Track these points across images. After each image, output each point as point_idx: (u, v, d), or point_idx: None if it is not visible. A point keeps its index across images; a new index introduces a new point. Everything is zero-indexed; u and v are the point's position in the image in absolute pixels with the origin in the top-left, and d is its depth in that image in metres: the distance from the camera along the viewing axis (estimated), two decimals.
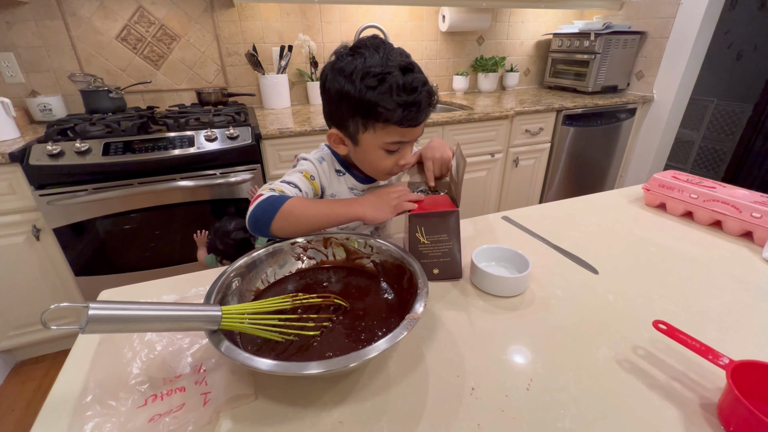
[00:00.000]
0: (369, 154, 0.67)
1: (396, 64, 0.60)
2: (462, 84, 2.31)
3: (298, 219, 0.61)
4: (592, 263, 0.71)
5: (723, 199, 0.81)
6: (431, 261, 0.65)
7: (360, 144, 0.66)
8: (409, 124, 0.62)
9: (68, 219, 1.32)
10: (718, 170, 3.11)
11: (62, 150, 1.26)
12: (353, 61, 0.60)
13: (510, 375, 0.47)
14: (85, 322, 0.36)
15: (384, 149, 0.66)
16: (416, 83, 0.60)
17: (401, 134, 0.64)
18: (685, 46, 2.04)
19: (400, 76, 0.59)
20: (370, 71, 0.59)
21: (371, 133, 0.64)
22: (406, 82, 0.59)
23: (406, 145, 0.68)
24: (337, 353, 0.46)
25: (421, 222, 0.62)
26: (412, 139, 0.67)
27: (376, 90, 0.59)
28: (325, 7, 1.93)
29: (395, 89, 0.58)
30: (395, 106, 0.59)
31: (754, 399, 0.40)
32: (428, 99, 0.62)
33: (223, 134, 1.41)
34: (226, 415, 0.42)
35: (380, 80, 0.58)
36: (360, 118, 0.62)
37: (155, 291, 0.65)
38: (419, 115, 0.62)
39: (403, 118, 0.60)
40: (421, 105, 0.61)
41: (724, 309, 0.59)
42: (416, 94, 0.60)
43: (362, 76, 0.59)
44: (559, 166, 2.14)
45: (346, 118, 0.64)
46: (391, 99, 0.59)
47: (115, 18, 1.65)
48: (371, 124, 0.62)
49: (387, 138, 0.64)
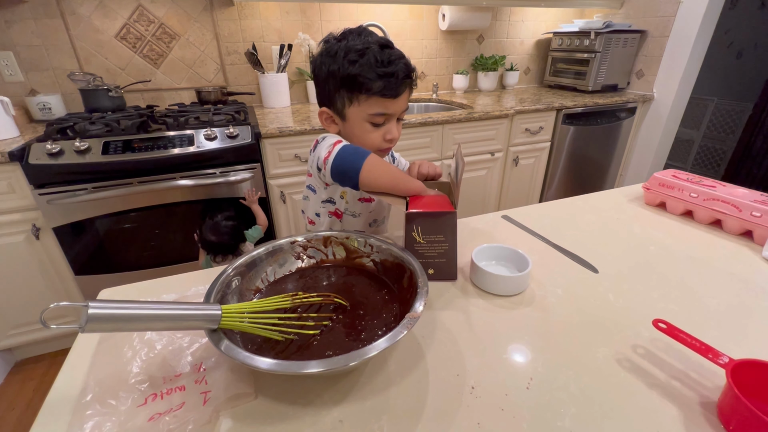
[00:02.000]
0: (356, 127, 0.72)
1: (375, 41, 0.67)
2: (462, 83, 2.31)
3: (381, 174, 0.64)
4: (592, 262, 0.71)
5: (723, 198, 0.81)
6: (427, 261, 0.64)
7: (347, 119, 0.71)
8: (389, 94, 0.67)
9: (68, 218, 1.32)
10: (718, 169, 3.12)
11: (62, 149, 1.25)
12: (337, 44, 0.67)
13: (510, 374, 0.47)
14: (84, 321, 0.36)
15: (369, 122, 0.70)
16: (393, 56, 0.67)
17: (384, 106, 0.68)
18: (685, 45, 2.03)
19: (378, 50, 0.66)
20: (351, 48, 0.65)
21: (356, 106, 0.69)
22: (384, 55, 0.66)
23: (391, 120, 0.72)
24: (337, 352, 0.46)
25: (417, 221, 0.62)
26: (395, 112, 0.71)
27: (356, 64, 0.65)
28: (325, 6, 1.93)
29: (374, 62, 0.65)
30: (375, 77, 0.65)
31: (754, 398, 0.40)
32: (405, 70, 0.67)
33: (223, 133, 1.41)
34: (226, 414, 0.42)
35: (360, 55, 0.65)
36: (345, 92, 0.68)
37: (155, 290, 0.65)
38: (398, 86, 0.67)
39: (384, 88, 0.66)
40: (399, 75, 0.66)
41: (724, 308, 0.59)
42: (394, 65, 0.66)
43: (344, 54, 0.65)
44: (559, 165, 2.14)
45: (333, 94, 0.70)
46: (370, 71, 0.65)
47: (114, 16, 1.65)
48: (355, 96, 0.68)
49: (370, 109, 0.69)
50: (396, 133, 0.74)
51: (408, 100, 0.73)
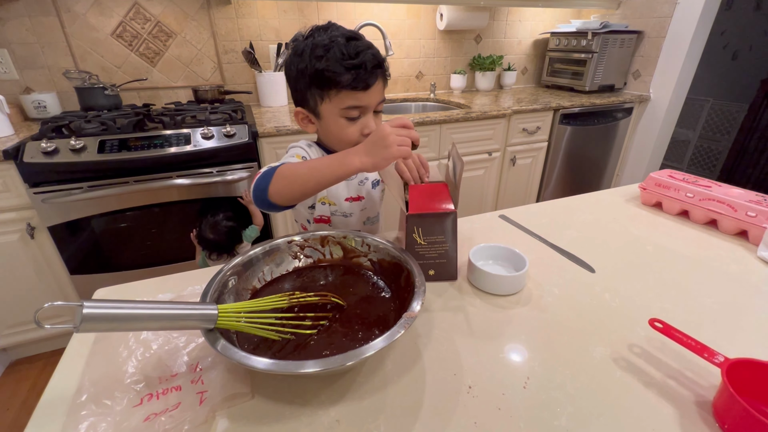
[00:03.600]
0: (331, 124, 0.70)
1: (340, 34, 0.65)
2: (459, 83, 2.31)
3: (290, 179, 0.58)
4: (589, 262, 0.71)
5: (718, 198, 0.81)
6: (427, 262, 0.65)
7: (322, 116, 0.70)
8: (360, 86, 0.65)
9: (63, 217, 1.31)
10: (714, 169, 3.13)
11: (57, 147, 1.25)
12: (304, 42, 0.66)
13: (507, 373, 0.47)
14: (79, 320, 0.35)
15: (343, 117, 0.68)
16: (360, 47, 0.64)
17: (356, 98, 0.66)
18: (681, 45, 2.04)
19: (344, 43, 0.64)
20: (317, 44, 0.64)
21: (328, 102, 0.67)
22: (350, 47, 0.64)
23: (367, 113, 0.70)
24: (334, 352, 0.46)
25: (418, 223, 0.62)
26: (368, 104, 0.69)
27: (323, 59, 0.63)
28: (323, 5, 1.92)
29: (340, 55, 0.63)
30: (343, 70, 0.63)
31: (749, 397, 0.40)
32: (374, 60, 0.65)
33: (220, 132, 1.40)
34: (223, 414, 0.42)
35: (326, 49, 0.63)
36: (316, 89, 0.67)
37: (151, 289, 0.64)
38: (368, 77, 0.65)
39: (353, 80, 0.64)
40: (367, 66, 0.64)
41: (719, 307, 0.60)
42: (361, 56, 0.64)
43: (311, 51, 0.64)
44: (556, 164, 2.15)
45: (305, 93, 0.69)
46: (338, 64, 0.63)
47: (110, 14, 1.63)
48: (326, 92, 0.66)
49: (342, 103, 0.67)
50: (373, 126, 0.71)
51: (383, 92, 0.71)
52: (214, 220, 1.31)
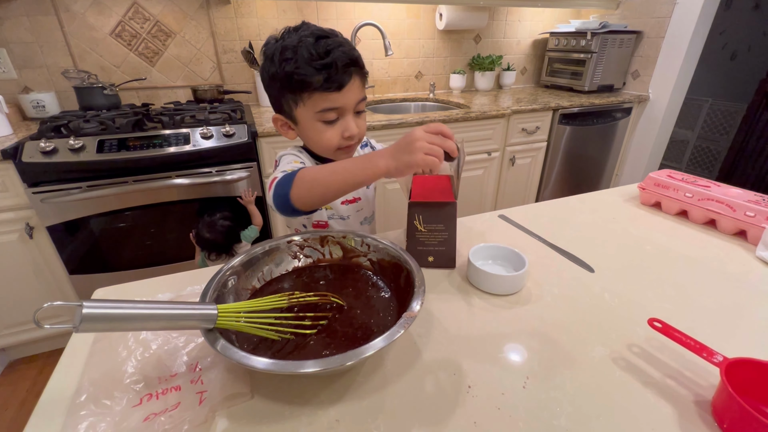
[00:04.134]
0: (309, 129, 0.68)
1: (310, 33, 0.61)
2: (459, 82, 2.31)
3: (311, 183, 0.56)
4: (588, 261, 0.71)
5: (717, 198, 0.81)
6: (427, 248, 0.67)
7: (299, 122, 0.68)
8: (332, 86, 0.62)
9: (62, 217, 1.31)
10: (713, 169, 3.14)
11: (56, 147, 1.24)
12: (274, 45, 0.63)
13: (506, 373, 0.47)
14: (78, 320, 0.35)
15: (320, 120, 0.66)
16: (330, 46, 0.61)
17: (330, 100, 0.63)
18: (680, 45, 2.05)
19: (313, 42, 0.60)
20: (286, 47, 0.61)
21: (302, 107, 0.65)
22: (319, 46, 0.60)
23: (345, 114, 0.66)
24: (333, 352, 0.46)
25: (419, 210, 0.65)
26: (345, 105, 0.65)
27: (291, 61, 0.60)
28: (322, 5, 1.92)
29: (308, 56, 0.60)
30: (313, 72, 0.60)
31: (748, 396, 0.40)
32: (345, 58, 0.61)
33: (219, 132, 1.40)
34: (222, 414, 0.42)
35: (294, 51, 0.60)
36: (289, 94, 0.64)
37: (150, 289, 0.64)
38: (340, 77, 0.61)
39: (324, 81, 0.61)
40: (338, 64, 0.60)
41: (718, 307, 0.60)
42: (331, 55, 0.60)
43: (280, 55, 0.61)
44: (555, 164, 2.15)
45: (279, 99, 0.67)
46: (307, 66, 0.60)
47: (109, 14, 1.63)
48: (299, 96, 0.64)
49: (316, 107, 0.64)
50: (354, 128, 0.67)
51: (362, 91, 0.67)
52: (211, 219, 1.31)
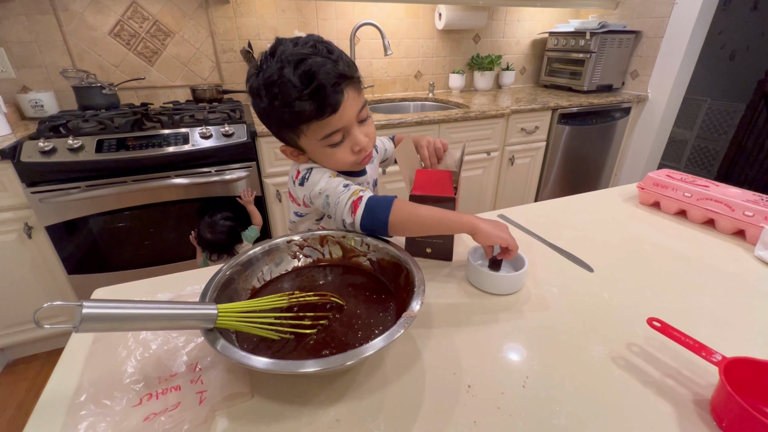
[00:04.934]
0: (318, 155, 0.65)
1: (287, 58, 0.56)
2: (458, 82, 2.31)
3: (409, 217, 0.58)
4: (588, 261, 0.71)
5: (716, 198, 0.81)
6: (425, 240, 0.69)
7: (306, 150, 0.66)
8: (327, 112, 0.58)
9: (61, 217, 1.30)
10: (711, 169, 3.15)
11: (54, 147, 1.24)
12: (257, 78, 0.58)
13: (506, 372, 0.48)
14: (78, 320, 0.35)
15: (327, 145, 0.62)
16: (314, 68, 0.55)
17: (330, 125, 0.60)
18: (679, 45, 2.05)
19: (292, 71, 0.55)
20: (268, 82, 0.56)
21: (304, 138, 0.62)
22: (299, 75, 0.55)
23: (351, 130, 0.63)
24: (333, 351, 0.46)
25: (418, 202, 0.65)
26: (347, 124, 0.61)
27: (279, 98, 0.56)
28: (321, 4, 1.92)
29: (293, 88, 0.55)
30: (303, 104, 0.56)
31: (746, 395, 0.40)
32: (332, 77, 0.56)
33: (218, 131, 1.40)
34: (222, 413, 0.42)
35: (279, 86, 0.55)
36: (286, 129, 0.62)
37: (150, 289, 0.64)
38: (333, 99, 0.57)
39: (317, 109, 0.57)
40: (327, 87, 0.56)
41: (716, 306, 0.60)
42: (315, 81, 0.55)
43: (266, 91, 0.57)
44: (554, 164, 2.15)
45: (279, 133, 0.64)
46: (296, 101, 0.55)
47: (108, 13, 1.63)
48: (297, 129, 0.61)
49: (317, 135, 0.61)
50: (363, 140, 0.64)
51: (360, 99, 0.63)
52: (212, 220, 1.31)
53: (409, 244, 0.70)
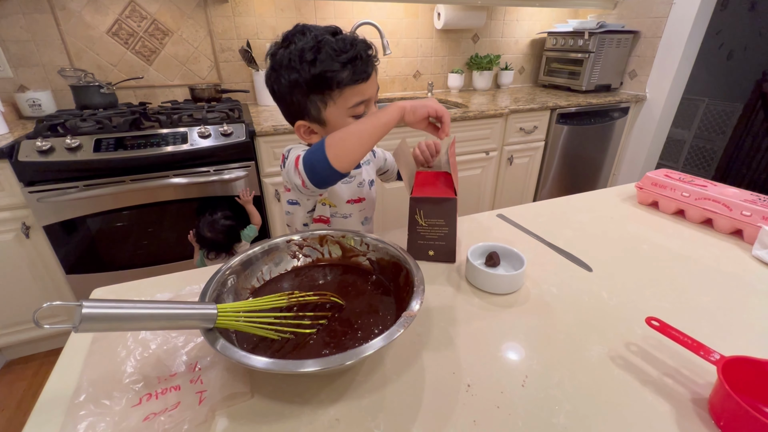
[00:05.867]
0: (340, 127, 0.66)
1: (323, 32, 0.62)
2: (457, 82, 2.31)
3: (344, 140, 0.58)
4: (586, 261, 0.71)
5: (714, 198, 0.82)
6: (427, 242, 0.69)
7: (327, 122, 0.67)
8: (361, 78, 0.63)
9: (59, 216, 1.30)
10: (709, 169, 3.16)
11: (52, 146, 1.24)
12: (286, 52, 0.62)
13: (505, 372, 0.48)
14: (78, 320, 0.35)
15: (351, 116, 0.67)
16: (348, 39, 0.63)
17: (360, 92, 0.65)
18: (677, 45, 2.06)
19: (332, 39, 0.61)
20: (303, 49, 0.61)
21: (332, 106, 0.65)
22: (339, 42, 0.61)
23: (369, 106, 0.69)
24: (333, 351, 0.46)
25: (420, 205, 0.66)
26: (371, 95, 0.68)
27: (317, 62, 0.60)
28: (320, 4, 1.92)
29: (333, 52, 0.60)
30: (341, 67, 0.61)
31: (744, 394, 0.41)
32: (367, 48, 0.64)
33: (217, 131, 1.40)
34: (222, 413, 0.42)
35: (317, 51, 0.60)
36: (316, 96, 0.64)
37: (149, 289, 0.64)
38: (366, 67, 0.64)
39: (353, 74, 0.62)
40: (362, 55, 0.62)
41: (715, 306, 0.60)
42: (353, 48, 0.62)
43: (299, 58, 0.61)
44: (553, 164, 2.16)
45: (303, 104, 0.66)
46: (334, 62, 0.60)
47: (105, 12, 1.62)
48: (328, 96, 0.64)
49: (349, 102, 0.65)
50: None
51: (376, 80, 0.69)
52: (212, 219, 1.31)
53: (412, 249, 0.70)
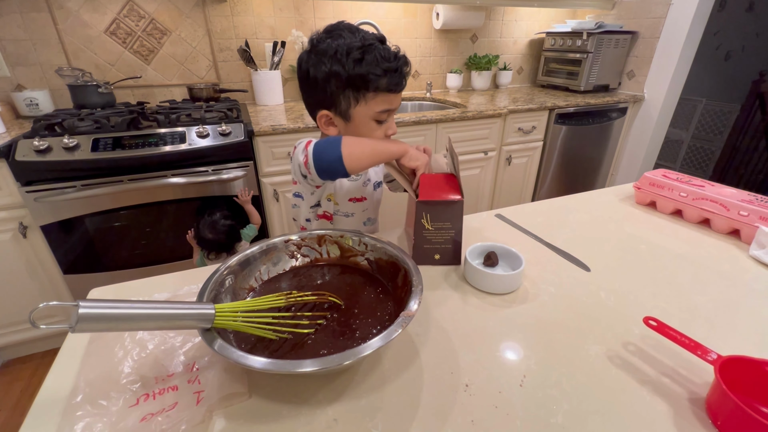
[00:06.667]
0: (362, 126, 0.71)
1: (372, 37, 0.67)
2: (456, 82, 2.32)
3: (362, 144, 0.64)
4: (584, 261, 0.72)
5: (711, 198, 0.82)
6: (434, 247, 0.68)
7: (352, 119, 0.70)
8: (395, 89, 0.68)
9: (56, 216, 1.29)
10: (707, 169, 3.17)
11: (50, 145, 1.23)
12: (333, 43, 0.65)
13: (503, 371, 0.48)
14: (75, 320, 0.35)
15: (375, 119, 0.70)
16: (395, 51, 0.68)
17: (389, 101, 0.69)
18: (675, 46, 2.06)
19: (381, 47, 0.66)
20: (353, 47, 0.64)
21: (363, 105, 0.68)
22: (386, 51, 0.66)
23: (392, 114, 0.72)
24: (331, 351, 0.46)
25: (427, 209, 0.65)
26: (397, 106, 0.72)
27: (363, 62, 0.64)
28: (319, 3, 1.92)
29: (379, 59, 0.64)
30: (382, 73, 0.65)
31: (741, 394, 0.41)
32: (407, 64, 0.69)
33: (215, 131, 1.39)
34: (220, 413, 0.42)
35: (364, 52, 0.64)
36: (351, 92, 0.67)
37: (147, 289, 0.64)
38: (401, 80, 0.68)
39: (390, 83, 0.66)
40: (402, 70, 0.68)
41: (712, 305, 0.60)
42: (396, 60, 0.67)
43: (347, 53, 0.64)
44: (551, 164, 2.16)
45: (335, 96, 0.68)
46: (377, 67, 0.64)
47: (103, 11, 1.62)
48: (362, 95, 0.67)
49: (377, 107, 0.68)
50: (395, 128, 0.74)
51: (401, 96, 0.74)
52: (212, 219, 1.30)
53: (418, 253, 0.69)
